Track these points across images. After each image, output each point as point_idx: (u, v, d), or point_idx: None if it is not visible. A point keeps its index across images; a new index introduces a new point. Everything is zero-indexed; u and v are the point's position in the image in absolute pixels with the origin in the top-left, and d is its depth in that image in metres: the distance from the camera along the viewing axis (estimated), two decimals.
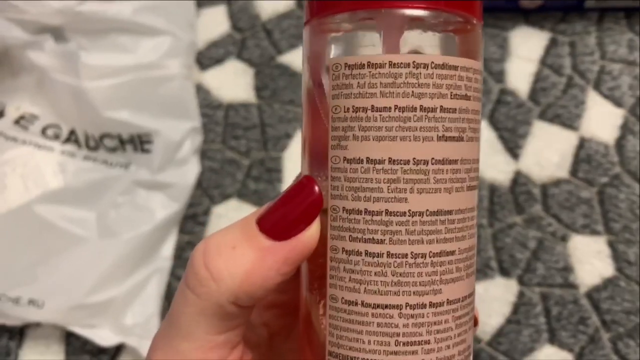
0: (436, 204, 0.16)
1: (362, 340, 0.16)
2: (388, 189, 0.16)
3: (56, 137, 0.41)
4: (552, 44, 0.45)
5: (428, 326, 0.16)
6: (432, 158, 0.16)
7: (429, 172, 0.16)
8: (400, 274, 0.16)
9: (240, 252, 0.16)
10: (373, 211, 0.16)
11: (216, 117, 0.45)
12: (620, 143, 0.42)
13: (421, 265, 0.16)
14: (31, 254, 0.38)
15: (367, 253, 0.16)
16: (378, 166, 0.16)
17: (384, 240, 0.16)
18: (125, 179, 0.40)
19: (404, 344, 0.16)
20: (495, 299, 0.40)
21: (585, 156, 0.42)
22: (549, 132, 0.43)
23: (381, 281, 0.16)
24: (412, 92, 0.16)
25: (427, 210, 0.16)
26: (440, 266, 0.16)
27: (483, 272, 0.41)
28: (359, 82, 0.16)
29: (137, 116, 0.40)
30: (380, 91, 0.16)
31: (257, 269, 0.16)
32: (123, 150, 0.41)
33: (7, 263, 0.38)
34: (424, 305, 0.16)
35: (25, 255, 0.38)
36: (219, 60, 0.47)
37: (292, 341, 0.21)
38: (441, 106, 0.16)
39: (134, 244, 0.39)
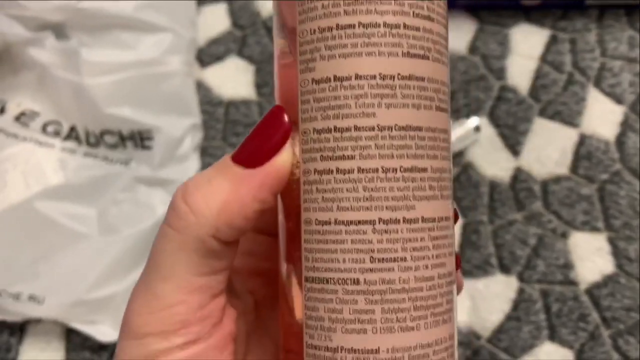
0: (404, 119, 0.16)
1: (337, 259, 0.16)
2: (356, 105, 0.16)
3: (57, 133, 0.41)
4: (553, 41, 0.45)
5: (403, 242, 0.16)
6: (398, 73, 0.16)
7: (395, 87, 0.16)
8: (372, 189, 0.16)
9: (216, 183, 0.17)
10: (342, 128, 0.16)
11: (217, 114, 0.45)
12: (620, 140, 0.42)
13: (392, 180, 0.16)
14: (32, 250, 0.38)
15: (338, 170, 0.16)
16: (345, 83, 0.16)
17: (354, 156, 0.16)
18: (126, 175, 0.40)
19: (379, 260, 0.16)
20: (495, 296, 0.40)
21: (585, 153, 0.42)
22: (550, 129, 0.43)
23: (353, 197, 0.16)
24: (375, 9, 0.16)
25: (396, 125, 0.16)
26: (412, 182, 0.16)
27: (483, 269, 0.41)
28: (323, 4, 0.16)
29: (137, 113, 0.40)
30: (344, 10, 0.16)
31: (233, 197, 0.16)
32: (123, 147, 0.41)
33: (7, 259, 0.38)
34: (397, 221, 0.16)
35: (26, 252, 0.38)
36: (219, 58, 0.47)
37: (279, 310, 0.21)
38: (404, 23, 0.16)
39: (134, 240, 0.39)
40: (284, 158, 0.17)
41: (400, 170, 0.16)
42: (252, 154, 0.17)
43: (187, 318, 0.17)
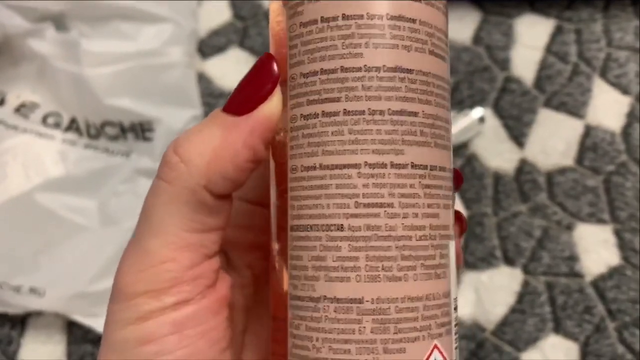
0: (393, 59, 0.15)
1: (321, 205, 0.15)
2: (342, 45, 0.15)
3: (57, 125, 0.41)
4: (558, 31, 0.45)
5: (390, 188, 0.15)
6: (387, 13, 0.15)
7: (384, 27, 0.15)
8: (358, 132, 0.15)
9: (207, 132, 0.16)
10: (328, 69, 0.16)
11: (218, 105, 0.45)
12: (626, 131, 0.42)
13: (379, 122, 0.15)
14: (32, 243, 0.38)
15: (323, 113, 0.16)
16: (332, 23, 0.16)
17: (340, 97, 0.15)
18: (127, 167, 0.40)
19: (364, 205, 0.15)
20: (500, 288, 0.40)
21: (591, 144, 0.42)
22: (555, 120, 0.43)
23: (338, 140, 0.15)
24: None
25: (384, 65, 0.15)
26: (401, 125, 0.15)
27: (487, 261, 0.40)
28: None
29: (138, 104, 0.40)
30: None
31: (224, 144, 0.16)
32: (124, 139, 0.41)
33: (8, 251, 0.38)
34: (384, 165, 0.15)
35: (26, 244, 0.38)
36: (220, 49, 0.47)
37: None
38: None
39: None
40: (274, 104, 0.16)
41: (388, 112, 0.15)
42: (242, 102, 0.16)
43: (177, 276, 0.16)
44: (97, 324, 0.38)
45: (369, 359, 0.15)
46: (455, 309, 0.17)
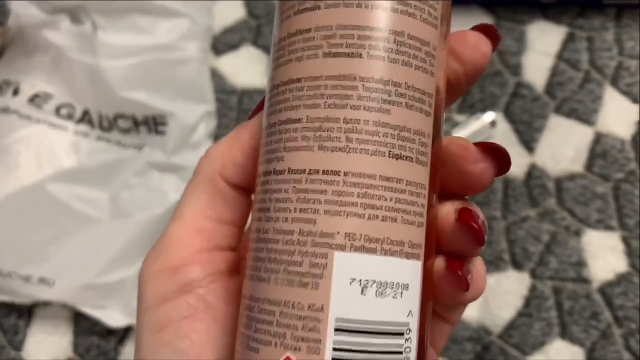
0: (286, 74, 0.16)
1: (254, 208, 0.17)
2: (274, 65, 0.17)
3: (70, 116, 0.41)
4: (570, 38, 0.45)
5: (270, 193, 0.16)
6: (288, 33, 0.16)
7: (284, 47, 0.16)
8: (264, 145, 0.17)
9: (226, 134, 0.19)
10: (270, 87, 0.18)
11: (230, 102, 0.45)
12: (636, 139, 0.42)
13: (272, 134, 0.16)
14: (43, 233, 0.38)
15: (267, 126, 0.17)
16: (277, 46, 0.18)
17: (264, 114, 0.17)
18: (139, 160, 0.40)
19: (257, 210, 0.16)
20: (507, 292, 0.40)
21: (600, 151, 0.42)
22: (565, 126, 0.43)
23: (264, 151, 0.17)
24: None
25: (281, 81, 0.16)
26: (285, 133, 0.16)
27: (495, 265, 0.40)
28: None
29: (152, 97, 0.40)
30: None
31: (235, 137, 0.19)
32: (137, 132, 0.41)
33: (18, 241, 0.38)
34: (269, 172, 0.16)
35: (37, 234, 0.38)
36: (234, 46, 0.47)
37: None
38: None
39: (146, 225, 0.39)
40: None
41: (277, 124, 0.16)
42: (255, 110, 0.19)
43: (187, 255, 0.18)
44: (104, 316, 0.38)
45: (240, 350, 0.16)
46: (347, 332, 0.15)
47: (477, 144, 0.17)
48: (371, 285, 0.15)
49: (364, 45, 0.16)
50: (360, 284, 0.15)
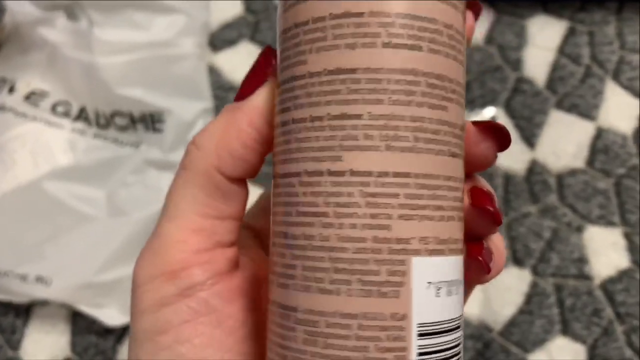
0: (334, 61, 0.15)
1: (276, 212, 0.16)
2: (294, 54, 0.15)
3: (66, 114, 0.41)
4: (571, 33, 0.45)
5: (325, 196, 0.14)
6: (330, 13, 0.15)
7: (326, 29, 0.15)
8: (301, 140, 0.15)
9: (217, 120, 0.17)
10: (285, 80, 0.16)
11: (228, 99, 0.45)
12: (638, 134, 0.42)
13: (319, 129, 0.15)
14: (39, 231, 0.38)
15: (282, 123, 0.16)
16: (288, 34, 0.16)
17: (290, 107, 0.15)
18: (136, 158, 0.40)
19: (302, 214, 0.15)
20: (508, 289, 0.40)
21: (602, 146, 0.42)
22: (566, 121, 0.43)
23: (287, 149, 0.15)
24: None
25: (325, 69, 0.15)
26: (341, 130, 0.14)
27: None
28: None
29: (149, 94, 0.40)
30: None
31: (230, 126, 0.17)
32: (134, 129, 0.40)
33: (15, 239, 0.38)
34: (321, 173, 0.15)
35: (34, 232, 0.38)
36: (231, 42, 0.46)
37: None
38: None
39: (143, 223, 0.38)
40: (271, 86, 0.17)
41: (327, 118, 0.15)
42: (245, 89, 0.17)
43: (186, 258, 0.17)
44: (102, 315, 0.38)
45: None
46: (427, 335, 0.15)
47: (475, 124, 0.17)
48: (443, 286, 0.15)
49: (423, 37, 0.15)
50: (435, 287, 0.15)
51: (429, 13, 0.15)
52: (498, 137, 0.17)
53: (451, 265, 0.15)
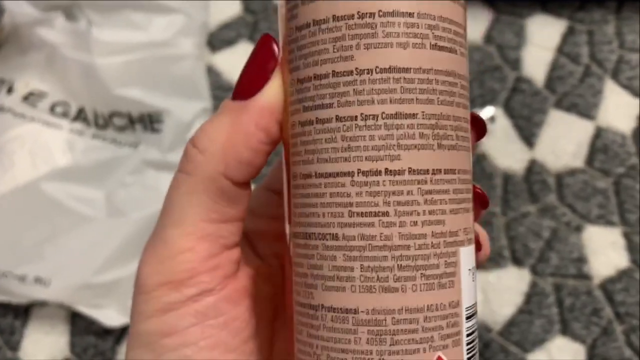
0: (386, 59, 0.15)
1: (317, 213, 0.15)
2: (333, 49, 0.15)
3: (65, 114, 0.41)
4: (570, 32, 0.44)
5: (385, 196, 0.15)
6: (379, 10, 0.15)
7: (376, 26, 0.15)
8: (350, 139, 0.15)
9: (218, 120, 0.16)
10: (321, 75, 0.15)
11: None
12: (637, 133, 0.42)
13: (372, 127, 0.15)
14: (38, 232, 0.38)
15: (317, 120, 0.15)
16: (323, 26, 0.15)
17: (332, 104, 0.15)
18: (135, 158, 0.40)
19: (358, 214, 0.15)
20: (507, 289, 0.40)
21: (601, 146, 0.42)
22: (565, 121, 0.43)
23: (331, 148, 0.15)
24: None
25: (377, 67, 0.15)
26: (397, 129, 0.15)
27: (495, 261, 0.40)
28: None
29: (147, 95, 0.40)
30: None
31: (236, 128, 0.16)
32: (132, 130, 0.40)
33: (13, 240, 0.38)
34: (378, 172, 0.15)
35: (32, 233, 0.38)
36: (230, 42, 0.46)
37: None
38: None
39: (142, 224, 0.38)
40: (277, 82, 0.16)
41: (381, 116, 0.15)
42: (247, 86, 0.16)
43: (195, 266, 0.16)
44: (101, 315, 0.38)
45: None
46: (470, 317, 0.16)
47: None
48: (474, 272, 0.16)
49: (456, 41, 0.16)
50: (471, 273, 0.16)
51: (458, 17, 0.16)
52: (474, 126, 0.18)
53: (473, 253, 0.16)
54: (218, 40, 0.46)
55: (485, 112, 0.42)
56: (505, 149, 0.42)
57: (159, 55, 0.40)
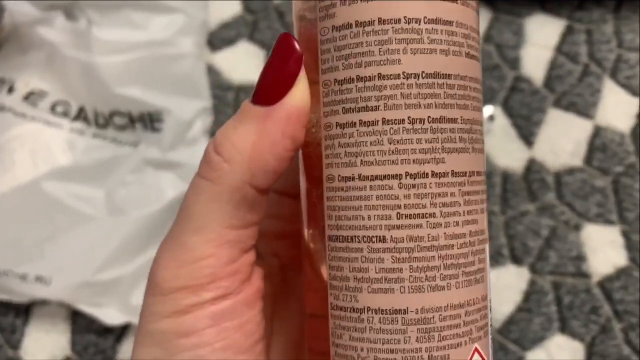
0: (432, 65, 0.15)
1: (362, 216, 0.15)
2: (379, 51, 0.15)
3: (65, 114, 0.41)
4: (568, 31, 0.45)
5: (432, 197, 0.15)
6: (425, 17, 0.15)
7: (422, 32, 0.15)
8: (398, 142, 0.15)
9: (242, 128, 0.16)
10: (365, 77, 0.15)
11: (227, 98, 0.45)
12: (635, 132, 0.42)
13: (419, 131, 0.15)
14: (39, 231, 0.38)
15: (361, 123, 0.15)
16: (368, 28, 0.15)
17: (378, 106, 0.15)
18: (135, 157, 0.40)
19: (406, 216, 0.15)
20: (506, 287, 0.40)
21: (600, 145, 0.42)
22: (564, 120, 0.43)
23: (378, 150, 0.15)
24: None
25: (423, 72, 0.15)
26: (441, 133, 0.15)
27: (495, 260, 0.40)
28: None
29: (148, 94, 0.40)
30: None
31: (262, 137, 0.16)
32: (133, 129, 0.41)
33: (14, 239, 0.38)
34: (425, 175, 0.15)
35: (33, 232, 0.38)
36: (230, 42, 0.46)
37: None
38: None
39: (142, 223, 0.38)
40: (304, 86, 0.16)
41: (427, 120, 0.15)
42: (270, 90, 0.16)
43: (216, 272, 0.17)
44: (101, 314, 0.38)
45: None
46: (490, 309, 0.17)
47: None
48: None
49: (477, 48, 0.17)
50: (490, 267, 0.17)
51: (479, 28, 0.17)
52: None
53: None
54: (218, 39, 0.46)
55: (484, 111, 0.42)
56: (504, 148, 0.42)
57: (159, 54, 0.40)
